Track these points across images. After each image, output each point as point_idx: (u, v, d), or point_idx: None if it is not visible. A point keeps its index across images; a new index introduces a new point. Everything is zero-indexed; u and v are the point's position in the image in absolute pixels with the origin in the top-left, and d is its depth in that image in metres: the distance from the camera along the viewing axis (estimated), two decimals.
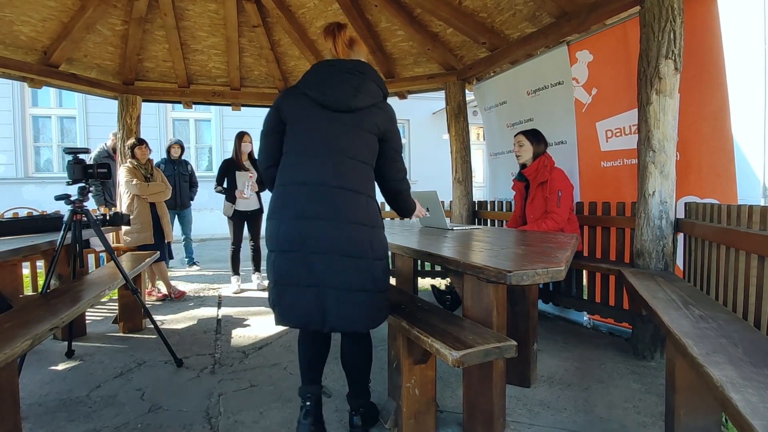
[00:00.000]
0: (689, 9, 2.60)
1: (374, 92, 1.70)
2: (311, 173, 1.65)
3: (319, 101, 1.67)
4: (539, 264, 1.62)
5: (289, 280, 1.64)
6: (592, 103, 3.42)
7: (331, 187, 1.63)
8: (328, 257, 1.60)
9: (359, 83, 1.67)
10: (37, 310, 2.05)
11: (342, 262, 1.60)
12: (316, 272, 1.61)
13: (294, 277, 1.63)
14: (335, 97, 1.66)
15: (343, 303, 1.62)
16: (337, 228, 1.60)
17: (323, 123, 1.67)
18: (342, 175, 1.64)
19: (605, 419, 2.08)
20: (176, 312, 3.99)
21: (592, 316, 3.43)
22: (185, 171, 5.64)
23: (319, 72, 1.72)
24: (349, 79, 1.67)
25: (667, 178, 2.61)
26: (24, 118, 9.58)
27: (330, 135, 1.66)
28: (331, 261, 1.60)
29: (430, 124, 13.73)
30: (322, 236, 1.60)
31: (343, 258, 1.60)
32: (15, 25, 3.93)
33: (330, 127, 1.67)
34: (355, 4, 4.35)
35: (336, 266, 1.60)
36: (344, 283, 1.61)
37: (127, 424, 2.06)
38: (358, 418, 1.96)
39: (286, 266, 1.64)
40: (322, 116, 1.67)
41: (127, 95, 5.02)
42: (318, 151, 1.66)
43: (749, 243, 1.84)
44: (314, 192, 1.63)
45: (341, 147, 1.65)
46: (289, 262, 1.63)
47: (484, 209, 4.65)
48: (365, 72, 1.71)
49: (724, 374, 1.20)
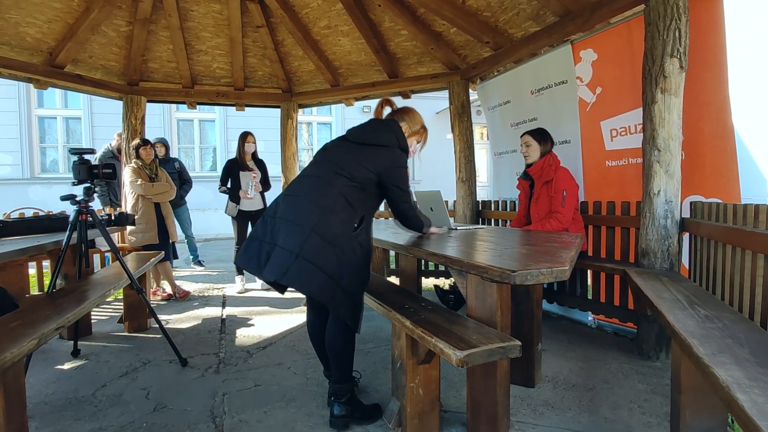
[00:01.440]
0: (694, 7, 2.59)
1: (388, 137, 2.10)
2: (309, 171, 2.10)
3: (348, 137, 2.15)
4: (543, 264, 1.61)
5: (256, 235, 2.00)
6: (597, 102, 3.41)
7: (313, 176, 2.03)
8: (280, 223, 1.93)
9: (379, 129, 2.13)
10: (43, 309, 2.07)
11: (285, 225, 1.90)
12: (273, 233, 1.93)
13: (260, 234, 1.98)
14: (357, 134, 2.13)
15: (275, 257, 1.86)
16: (296, 201, 1.96)
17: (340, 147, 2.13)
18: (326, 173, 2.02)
19: (610, 419, 2.07)
20: (181, 312, 4.00)
21: (597, 316, 3.42)
22: (173, 169, 5.58)
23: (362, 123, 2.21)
24: (375, 125, 2.16)
25: (673, 177, 2.59)
26: (30, 119, 9.65)
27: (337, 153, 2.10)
28: (282, 226, 1.91)
29: (433, 124, 13.71)
30: (285, 207, 1.97)
31: (286, 222, 1.91)
32: (21, 26, 3.96)
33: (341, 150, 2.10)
34: (359, 4, 4.35)
35: (284, 230, 1.90)
36: (283, 243, 1.87)
37: (132, 423, 2.07)
38: (337, 407, 2.02)
39: (259, 226, 2.02)
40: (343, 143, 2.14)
41: (131, 96, 5.05)
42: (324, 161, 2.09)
43: (756, 242, 1.82)
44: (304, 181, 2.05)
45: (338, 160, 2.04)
46: (262, 223, 2.01)
47: (487, 209, 4.64)
48: (390, 125, 2.15)
49: (730, 374, 1.19)
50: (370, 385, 2.46)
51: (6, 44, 4.01)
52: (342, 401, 2.02)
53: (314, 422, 2.08)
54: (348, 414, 2.03)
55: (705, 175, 2.75)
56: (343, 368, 2.04)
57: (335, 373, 2.05)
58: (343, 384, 2.03)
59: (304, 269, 1.80)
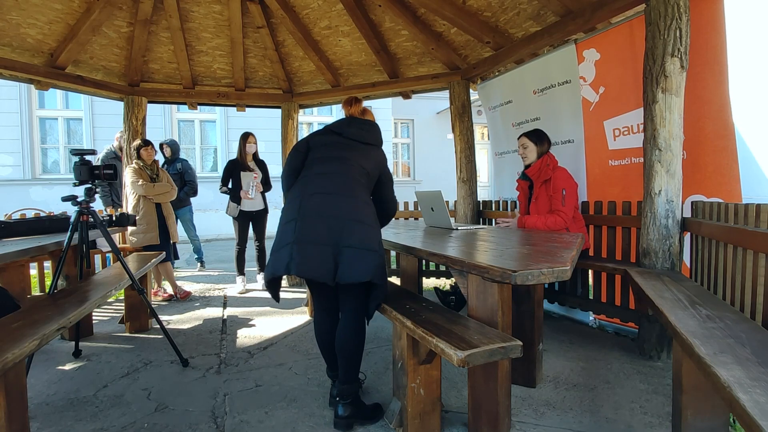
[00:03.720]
0: (695, 7, 2.58)
1: (377, 139, 2.24)
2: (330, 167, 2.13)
3: (340, 133, 2.20)
4: (544, 263, 1.61)
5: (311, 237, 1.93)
6: (600, 101, 3.41)
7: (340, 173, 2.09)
8: (342, 222, 1.93)
9: (370, 129, 2.24)
10: (44, 310, 2.07)
11: (351, 226, 1.92)
12: (333, 233, 1.91)
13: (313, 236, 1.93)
14: (354, 132, 2.19)
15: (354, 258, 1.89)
16: (343, 200, 1.99)
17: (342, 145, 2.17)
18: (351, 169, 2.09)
19: (611, 419, 2.07)
20: (182, 312, 4.01)
21: (598, 316, 3.42)
22: (174, 171, 5.60)
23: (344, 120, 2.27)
24: (364, 125, 2.24)
25: (674, 176, 2.59)
26: (31, 120, 9.66)
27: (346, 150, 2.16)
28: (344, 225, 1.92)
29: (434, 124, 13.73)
30: (335, 206, 1.97)
31: (352, 222, 1.93)
32: (22, 27, 3.97)
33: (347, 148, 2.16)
34: (359, 4, 4.35)
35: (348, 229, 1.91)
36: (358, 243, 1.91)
37: (133, 424, 2.07)
38: (342, 408, 2.02)
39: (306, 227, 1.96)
40: (340, 141, 2.18)
41: (132, 97, 5.05)
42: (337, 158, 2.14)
43: (757, 242, 1.82)
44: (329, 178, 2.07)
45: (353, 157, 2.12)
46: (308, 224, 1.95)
47: (488, 209, 4.64)
48: (375, 125, 2.28)
49: (732, 374, 1.19)
50: (372, 385, 2.46)
51: (7, 45, 4.02)
52: (347, 402, 2.03)
53: (315, 422, 2.08)
54: (352, 415, 2.03)
55: (706, 174, 2.75)
56: (351, 369, 2.05)
57: (343, 374, 2.05)
58: (350, 384, 2.04)
59: (381, 264, 1.93)
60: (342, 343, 2.04)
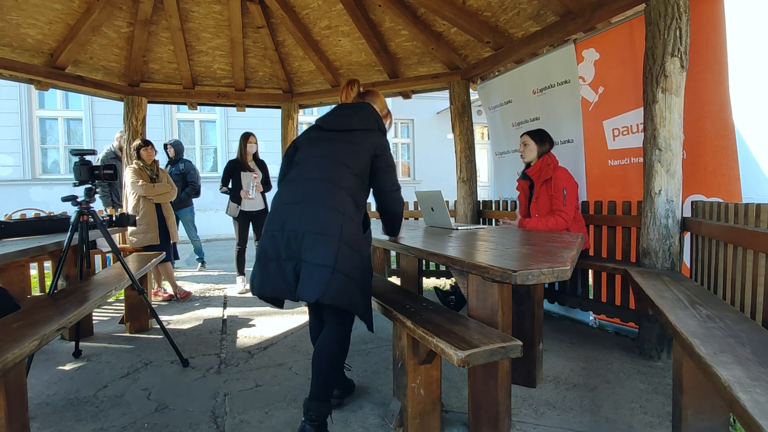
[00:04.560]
0: (695, 6, 2.58)
1: (369, 121, 2.03)
2: (306, 171, 1.93)
3: (321, 126, 2.05)
4: (544, 263, 1.61)
5: (271, 254, 1.81)
6: (599, 101, 3.41)
7: (316, 179, 1.88)
8: (300, 234, 1.78)
9: (356, 112, 2.05)
10: (44, 310, 2.07)
11: (311, 238, 1.76)
12: (291, 248, 1.78)
13: (274, 252, 1.81)
14: (335, 121, 2.03)
15: (310, 275, 1.74)
16: (306, 209, 1.81)
17: (322, 140, 2.01)
18: (328, 172, 1.89)
19: (612, 419, 2.07)
20: (182, 312, 4.01)
21: (598, 316, 3.42)
22: (177, 171, 5.60)
23: (330, 110, 2.12)
24: (349, 109, 2.07)
25: (674, 176, 2.59)
26: (31, 120, 9.66)
27: (324, 146, 1.98)
28: (302, 237, 1.77)
29: (434, 124, 13.72)
30: (301, 217, 1.80)
31: (312, 235, 1.76)
32: (22, 28, 3.97)
33: (327, 142, 1.99)
34: (359, 4, 4.35)
35: (308, 242, 1.76)
36: (312, 258, 1.74)
37: (133, 424, 2.07)
38: (310, 427, 1.82)
39: (268, 243, 1.84)
40: (322, 135, 2.02)
41: (132, 97, 5.06)
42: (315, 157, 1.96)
43: (757, 242, 1.82)
44: (302, 184, 1.89)
45: (333, 154, 1.93)
46: (271, 240, 1.83)
47: (488, 209, 4.64)
48: (365, 107, 2.08)
49: (732, 374, 1.19)
50: (372, 385, 2.46)
51: (7, 45, 4.02)
52: (315, 424, 1.82)
53: None
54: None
55: (706, 174, 2.75)
56: (324, 385, 1.87)
57: (314, 388, 1.86)
58: (320, 402, 1.84)
59: (341, 283, 1.72)
60: (317, 352, 1.90)
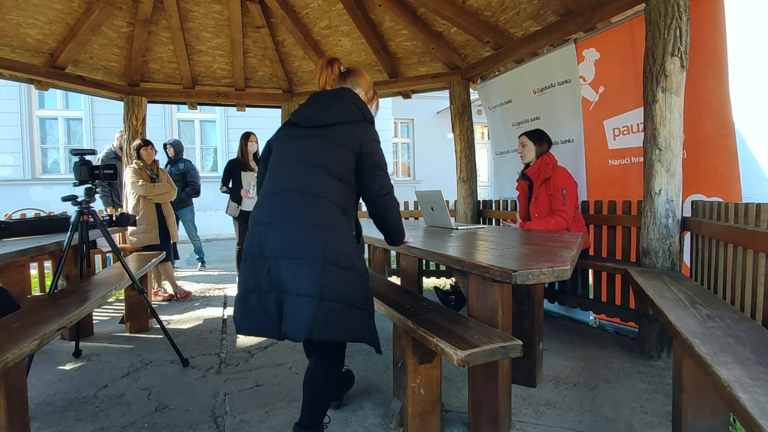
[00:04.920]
0: (695, 6, 2.58)
1: (350, 111, 1.73)
2: (279, 182, 1.66)
3: (295, 122, 1.77)
4: (544, 263, 1.61)
5: (251, 286, 1.57)
6: (600, 101, 3.41)
7: (289, 191, 1.61)
8: (279, 261, 1.53)
9: (333, 102, 1.74)
10: (44, 310, 2.07)
11: (290, 264, 1.51)
12: (271, 277, 1.54)
13: (254, 283, 1.57)
14: (308, 115, 1.75)
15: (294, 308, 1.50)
16: (285, 230, 1.55)
17: (295, 139, 1.73)
18: (302, 180, 1.62)
19: (612, 419, 2.07)
20: (182, 312, 4.01)
21: (598, 316, 3.42)
22: (177, 171, 5.60)
23: (304, 102, 1.84)
24: (325, 99, 1.77)
25: (674, 176, 2.59)
26: (31, 120, 9.66)
27: (297, 147, 1.70)
28: (281, 264, 1.53)
29: (434, 124, 13.72)
30: (277, 240, 1.55)
31: (290, 260, 1.52)
32: (22, 27, 3.97)
33: (301, 141, 1.71)
34: (359, 4, 4.35)
35: (287, 269, 1.52)
36: (294, 288, 1.50)
37: (134, 424, 2.07)
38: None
39: (248, 272, 1.60)
40: (295, 133, 1.74)
41: (132, 96, 5.06)
42: (287, 162, 1.69)
43: (757, 241, 1.82)
44: (276, 199, 1.63)
45: (307, 157, 1.66)
46: (251, 268, 1.59)
47: (488, 208, 4.64)
48: (343, 94, 1.78)
49: (732, 374, 1.19)
50: (372, 385, 2.46)
51: (7, 45, 4.02)
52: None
53: None
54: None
55: (706, 174, 2.75)
56: (317, 411, 1.75)
57: (305, 412, 1.73)
58: (312, 430, 1.73)
59: (333, 312, 1.48)
60: (307, 385, 1.72)
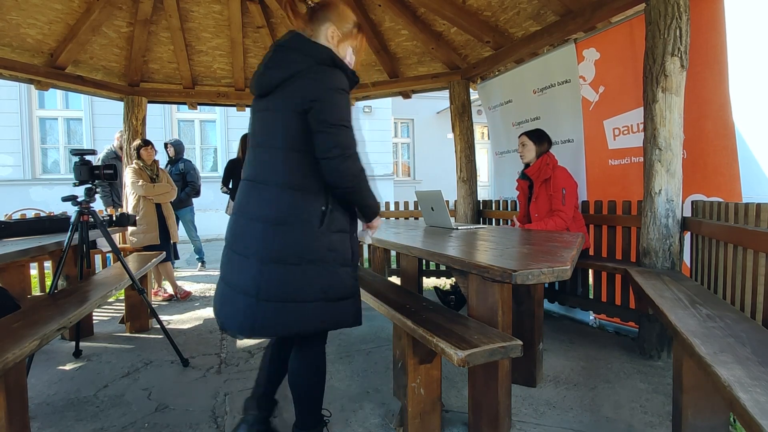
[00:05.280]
0: (695, 6, 2.58)
1: (291, 62, 1.43)
2: (243, 170, 1.62)
3: (255, 93, 1.57)
4: (545, 263, 1.61)
5: (222, 273, 1.58)
6: (600, 101, 3.41)
7: (245, 180, 1.55)
8: (231, 253, 1.53)
9: (284, 55, 1.45)
10: (44, 310, 2.07)
11: (235, 259, 1.50)
12: (225, 267, 1.55)
13: (223, 273, 1.58)
14: (255, 82, 1.53)
15: (233, 302, 1.48)
16: (236, 223, 1.53)
17: (254, 114, 1.56)
18: (253, 166, 1.52)
19: (612, 419, 2.07)
20: (182, 312, 4.01)
21: (598, 316, 3.42)
22: (177, 171, 5.59)
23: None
24: (277, 51, 1.49)
25: (674, 176, 2.59)
26: (31, 120, 9.66)
27: (253, 127, 1.57)
28: (232, 257, 1.52)
29: (434, 123, 13.73)
30: (229, 233, 1.55)
31: (236, 255, 1.50)
32: (22, 27, 3.97)
33: (253, 117, 1.56)
34: (359, 4, 4.34)
35: (233, 263, 1.51)
36: (235, 283, 1.48)
37: (134, 424, 2.07)
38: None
39: (223, 260, 1.59)
40: (254, 107, 1.56)
41: (132, 97, 5.06)
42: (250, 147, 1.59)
43: (757, 241, 1.82)
44: (240, 188, 1.59)
45: (258, 137, 1.52)
46: (225, 256, 1.58)
47: (488, 208, 4.64)
48: (297, 42, 1.46)
49: (732, 374, 1.19)
50: (372, 385, 2.46)
51: (7, 45, 4.02)
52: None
53: None
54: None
55: (706, 173, 2.75)
56: (308, 413, 1.64)
57: (299, 419, 1.65)
58: (312, 430, 1.65)
59: (275, 311, 1.41)
60: (292, 385, 1.63)
